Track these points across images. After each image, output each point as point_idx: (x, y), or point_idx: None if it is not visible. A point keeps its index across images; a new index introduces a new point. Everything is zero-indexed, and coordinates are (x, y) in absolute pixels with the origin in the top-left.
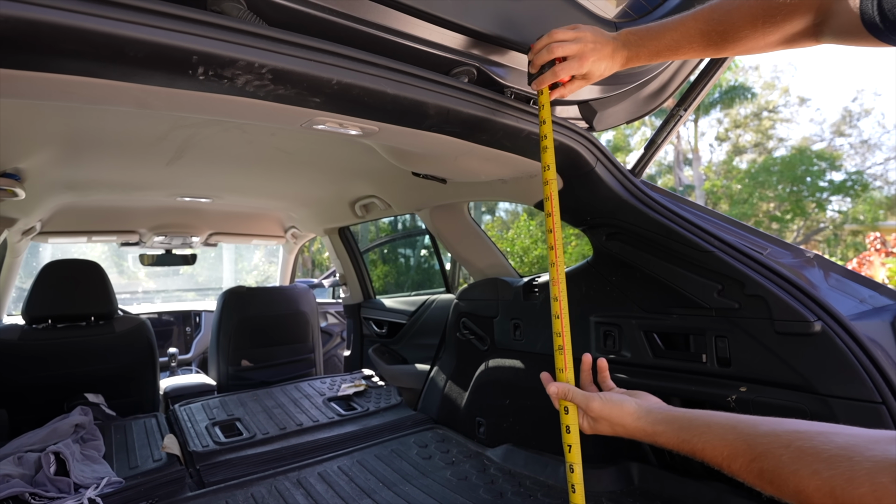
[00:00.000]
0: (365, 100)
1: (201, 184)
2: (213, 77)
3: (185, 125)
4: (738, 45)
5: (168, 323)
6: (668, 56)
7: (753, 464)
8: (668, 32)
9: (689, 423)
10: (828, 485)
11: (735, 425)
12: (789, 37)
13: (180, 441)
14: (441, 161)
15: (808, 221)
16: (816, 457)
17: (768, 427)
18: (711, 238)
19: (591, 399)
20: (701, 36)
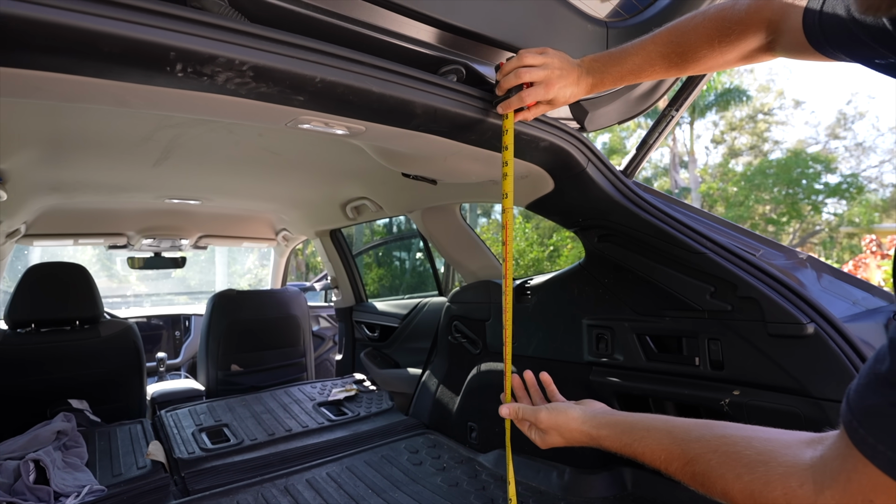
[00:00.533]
0: (350, 98)
1: (189, 185)
2: (193, 74)
3: (170, 125)
4: (699, 64)
5: (157, 327)
6: (631, 79)
7: (687, 467)
8: (629, 57)
9: (630, 428)
10: (748, 488)
11: (671, 430)
12: (746, 53)
13: (165, 448)
14: (430, 161)
15: (803, 224)
16: (739, 461)
17: (699, 432)
18: (704, 239)
19: (538, 411)
20: (662, 58)
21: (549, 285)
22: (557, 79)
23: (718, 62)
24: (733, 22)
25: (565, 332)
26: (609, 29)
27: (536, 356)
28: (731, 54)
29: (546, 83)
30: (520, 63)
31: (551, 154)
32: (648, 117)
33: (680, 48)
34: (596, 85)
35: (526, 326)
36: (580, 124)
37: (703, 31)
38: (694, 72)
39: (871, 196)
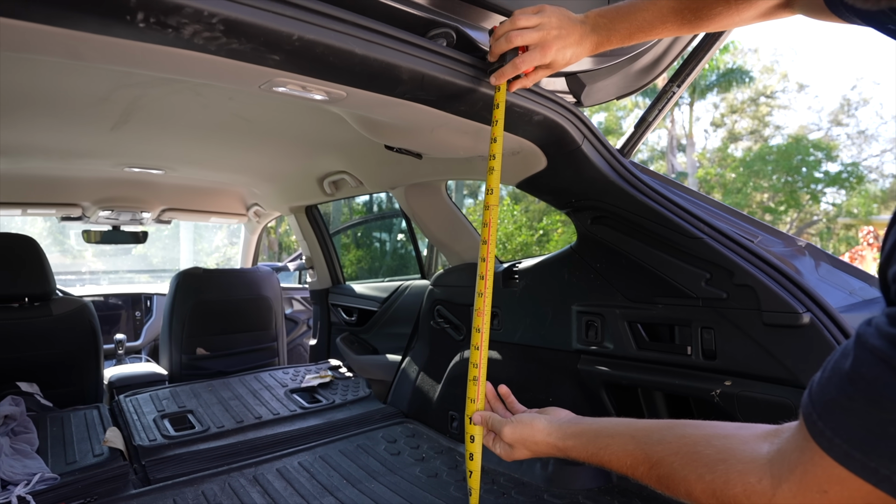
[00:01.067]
0: (330, 59)
1: (152, 153)
2: (156, 25)
3: (130, 84)
4: (713, 22)
5: (115, 307)
6: (641, 37)
7: (652, 471)
8: (639, 13)
9: (595, 436)
10: (710, 487)
11: (634, 434)
12: (764, 10)
13: (124, 434)
14: (416, 133)
15: (801, 213)
16: (699, 462)
17: (660, 434)
18: (701, 224)
19: (503, 425)
20: (674, 14)
21: (538, 269)
22: (555, 39)
23: (735, 20)
24: None
25: (554, 319)
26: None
27: (523, 343)
28: (749, 11)
29: (542, 45)
30: (513, 25)
31: (545, 129)
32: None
33: (694, 3)
34: (601, 43)
35: (513, 312)
36: (576, 98)
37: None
38: (708, 29)
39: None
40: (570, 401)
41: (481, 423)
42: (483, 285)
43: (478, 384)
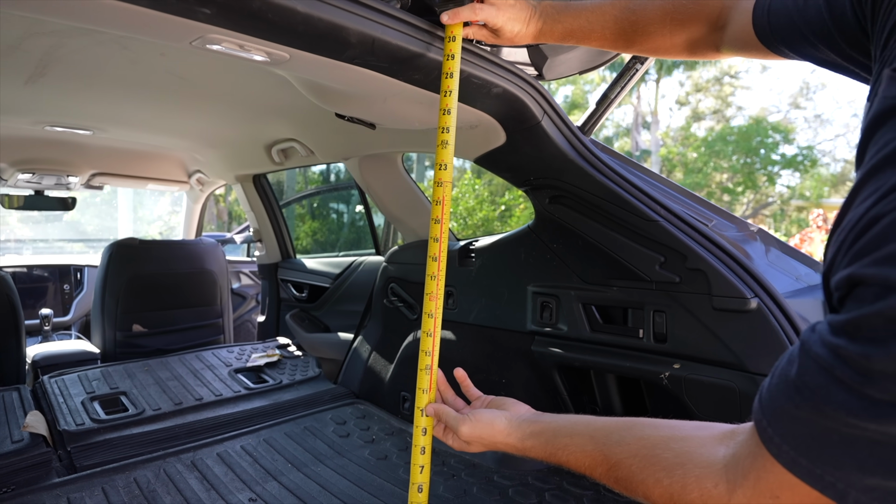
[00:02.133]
0: (269, 17)
1: (75, 111)
2: None
3: (43, 32)
4: (647, 42)
5: (41, 279)
6: (576, 40)
7: (610, 472)
8: (584, 12)
9: (554, 437)
10: (668, 491)
11: (593, 434)
12: (693, 41)
13: (48, 419)
14: (368, 102)
15: (757, 195)
16: (658, 465)
17: (619, 435)
18: (658, 206)
19: (461, 422)
20: (614, 23)
21: (495, 248)
22: (510, 8)
23: (665, 44)
24: (687, 2)
25: (509, 299)
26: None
27: (477, 324)
28: (679, 37)
29: (498, 6)
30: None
31: (504, 102)
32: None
33: (634, 16)
34: (543, 33)
35: (468, 292)
36: (538, 72)
37: (660, 4)
38: (638, 50)
39: (823, 170)
40: (523, 382)
41: (434, 416)
42: (436, 267)
43: (430, 373)
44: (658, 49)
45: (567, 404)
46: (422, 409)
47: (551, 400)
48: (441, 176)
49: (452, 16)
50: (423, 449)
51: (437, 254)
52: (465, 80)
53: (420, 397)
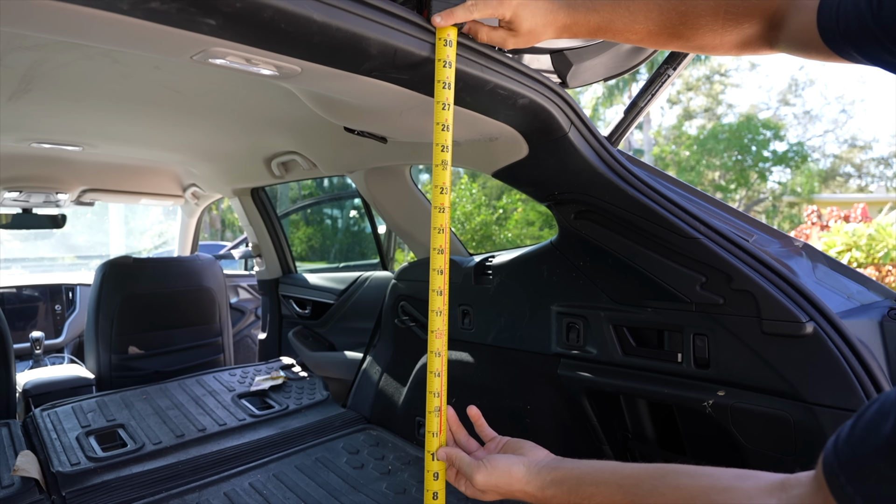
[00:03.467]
0: (281, 27)
1: (63, 127)
2: None
3: (26, 46)
4: (694, 37)
5: (31, 299)
6: (611, 34)
7: None
8: (624, 1)
9: (578, 485)
10: None
11: (621, 483)
12: (746, 39)
13: (40, 459)
14: (382, 116)
15: (749, 192)
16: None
17: (651, 484)
18: (697, 223)
19: (476, 470)
20: (660, 13)
21: (514, 265)
22: (523, 8)
23: (714, 41)
24: None
25: (531, 319)
26: None
27: (497, 345)
28: (731, 34)
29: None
30: None
31: (529, 114)
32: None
33: (683, 6)
34: (572, 27)
35: (486, 311)
36: (561, 79)
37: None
38: (683, 45)
39: (813, 166)
40: (548, 408)
41: (447, 461)
42: (441, 301)
43: (440, 415)
44: (705, 46)
45: (597, 431)
46: (432, 452)
47: (580, 427)
48: (440, 200)
49: (446, 16)
50: (435, 494)
51: (442, 287)
52: (489, 91)
53: (430, 441)
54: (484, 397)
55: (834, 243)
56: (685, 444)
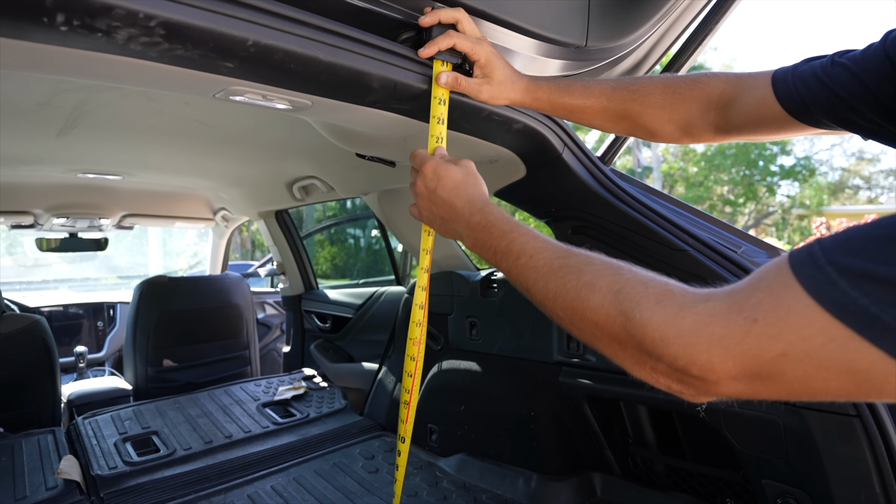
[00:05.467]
0: (291, 67)
1: (105, 158)
2: (82, 29)
3: (71, 89)
4: (644, 114)
5: (76, 317)
6: (568, 110)
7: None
8: (579, 83)
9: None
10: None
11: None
12: (693, 121)
13: (82, 463)
14: (389, 142)
15: (759, 205)
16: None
17: (586, 255)
18: (685, 235)
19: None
20: (612, 89)
21: None
22: (497, 57)
23: (663, 120)
24: (688, 84)
25: (534, 330)
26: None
27: (502, 354)
28: (679, 113)
29: (480, 40)
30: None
31: (525, 137)
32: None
33: (635, 84)
34: (532, 91)
35: (491, 323)
36: None
37: (661, 77)
38: (634, 126)
39: (822, 179)
40: (551, 414)
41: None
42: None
43: (408, 407)
44: (654, 130)
45: (598, 436)
46: (402, 436)
47: (582, 432)
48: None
49: (430, 45)
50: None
51: (425, 302)
52: (486, 118)
53: (401, 427)
54: (490, 404)
55: None
56: (685, 448)
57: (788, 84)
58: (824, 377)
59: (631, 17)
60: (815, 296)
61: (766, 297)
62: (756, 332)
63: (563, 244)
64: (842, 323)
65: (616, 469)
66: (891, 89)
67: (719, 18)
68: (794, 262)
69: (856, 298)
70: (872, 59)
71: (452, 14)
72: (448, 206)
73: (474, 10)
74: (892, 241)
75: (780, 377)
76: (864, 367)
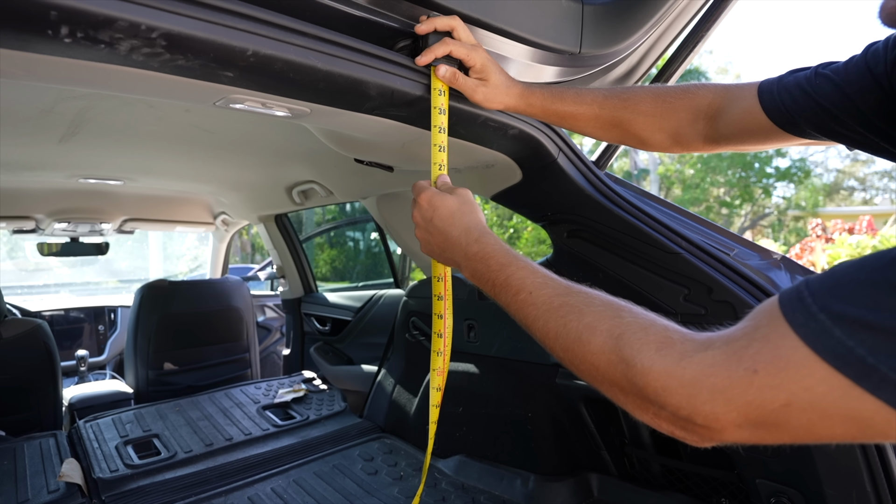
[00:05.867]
0: (290, 76)
1: (107, 164)
2: (85, 41)
3: (73, 97)
4: (635, 122)
5: (77, 320)
6: (561, 117)
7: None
8: (571, 90)
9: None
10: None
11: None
12: (683, 131)
13: (83, 466)
14: (386, 148)
15: (755, 207)
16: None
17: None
18: (679, 238)
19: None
20: (605, 97)
21: None
22: (492, 63)
23: (653, 128)
24: (676, 90)
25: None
26: (585, 5)
27: (500, 356)
28: (669, 122)
29: (475, 46)
30: (452, 26)
31: (520, 142)
32: None
33: (627, 93)
34: (526, 97)
35: (489, 325)
36: None
37: (651, 88)
38: (625, 135)
39: (817, 180)
40: (548, 415)
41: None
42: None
43: None
44: (645, 138)
45: (595, 437)
46: None
47: (579, 433)
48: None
49: (426, 53)
50: None
51: (443, 331)
52: (481, 123)
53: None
54: (488, 405)
55: (838, 255)
56: (680, 450)
57: (774, 95)
58: (829, 425)
59: (624, 23)
60: (812, 346)
61: (763, 348)
62: (758, 384)
63: (562, 280)
64: (840, 373)
65: (612, 469)
66: (872, 100)
67: (712, 23)
68: (786, 309)
69: (852, 348)
70: (854, 70)
71: (448, 22)
72: (444, 235)
73: (469, 18)
74: (878, 286)
75: (785, 426)
76: (867, 416)
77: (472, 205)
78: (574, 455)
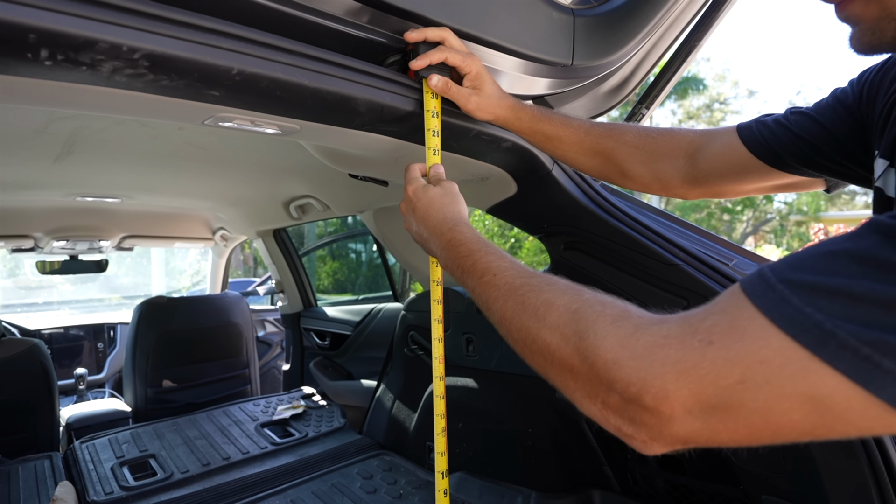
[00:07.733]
0: (277, 94)
1: (103, 182)
2: (66, 63)
3: (65, 117)
4: (617, 151)
5: (76, 338)
6: (546, 138)
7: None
8: (559, 115)
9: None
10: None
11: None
12: (665, 169)
13: (78, 488)
14: (380, 163)
15: (756, 212)
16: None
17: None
18: (676, 249)
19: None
20: (591, 123)
21: None
22: (486, 73)
23: (635, 162)
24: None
25: None
26: (576, 17)
27: (499, 371)
28: (651, 159)
29: (469, 54)
30: (443, 36)
31: (515, 155)
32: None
33: (612, 123)
34: (516, 110)
35: (488, 339)
36: None
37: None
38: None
39: None
40: (549, 431)
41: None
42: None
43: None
44: (627, 172)
45: (597, 452)
46: (442, 471)
47: (581, 449)
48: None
49: (422, 58)
50: None
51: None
52: (473, 137)
53: (440, 461)
54: (488, 421)
55: None
56: (685, 465)
57: (753, 130)
58: (786, 408)
59: (616, 34)
60: (769, 314)
61: (720, 320)
62: (712, 356)
63: (528, 267)
64: (797, 343)
65: (615, 486)
66: (846, 129)
67: (705, 32)
68: (746, 286)
69: (809, 315)
70: (826, 107)
71: (439, 33)
72: (424, 225)
73: (460, 32)
74: (836, 255)
75: (740, 409)
76: (825, 393)
77: (454, 196)
78: (576, 471)
